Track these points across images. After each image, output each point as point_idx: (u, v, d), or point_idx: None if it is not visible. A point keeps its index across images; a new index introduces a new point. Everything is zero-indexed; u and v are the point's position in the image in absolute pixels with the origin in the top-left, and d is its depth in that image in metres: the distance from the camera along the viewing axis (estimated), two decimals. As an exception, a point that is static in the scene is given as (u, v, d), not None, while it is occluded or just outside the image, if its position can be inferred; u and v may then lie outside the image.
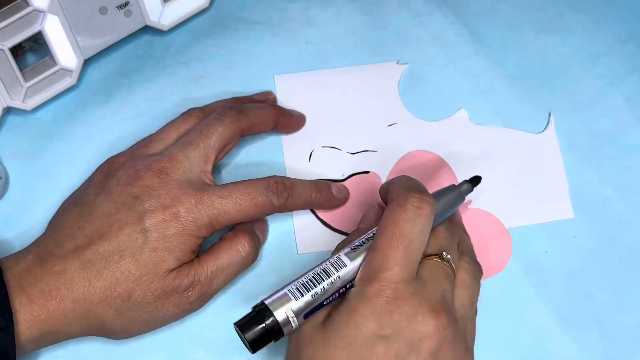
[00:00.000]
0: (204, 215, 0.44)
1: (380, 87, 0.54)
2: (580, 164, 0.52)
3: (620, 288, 0.49)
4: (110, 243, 0.42)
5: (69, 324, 0.42)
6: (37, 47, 0.52)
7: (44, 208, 0.49)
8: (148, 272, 0.42)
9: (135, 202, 0.43)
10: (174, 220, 0.43)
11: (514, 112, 0.53)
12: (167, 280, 0.43)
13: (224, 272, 0.45)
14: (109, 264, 0.42)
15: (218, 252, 0.45)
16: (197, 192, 0.44)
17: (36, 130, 0.52)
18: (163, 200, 0.43)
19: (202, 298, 0.45)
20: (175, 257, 0.43)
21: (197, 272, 0.44)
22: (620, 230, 0.50)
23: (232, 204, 0.44)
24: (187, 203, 0.43)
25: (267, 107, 0.50)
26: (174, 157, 0.45)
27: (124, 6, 0.50)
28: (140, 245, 0.42)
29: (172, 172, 0.44)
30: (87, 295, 0.42)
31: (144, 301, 0.42)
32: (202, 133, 0.46)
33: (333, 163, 0.51)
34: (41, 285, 0.41)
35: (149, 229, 0.43)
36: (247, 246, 0.45)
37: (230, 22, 0.55)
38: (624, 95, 0.54)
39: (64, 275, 0.42)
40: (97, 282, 0.42)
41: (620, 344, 0.48)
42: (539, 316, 0.48)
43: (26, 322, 0.41)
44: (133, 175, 0.44)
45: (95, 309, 0.42)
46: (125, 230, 0.43)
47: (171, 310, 0.44)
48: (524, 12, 0.56)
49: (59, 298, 0.41)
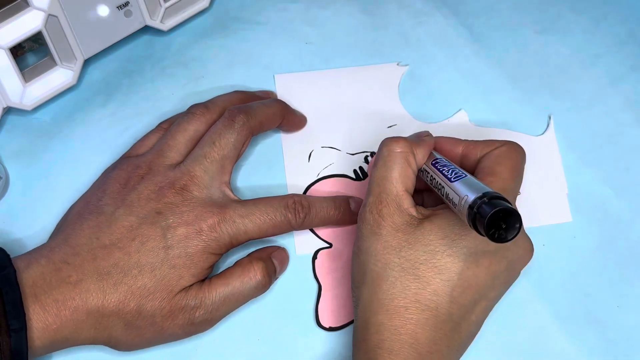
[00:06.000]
0: (226, 234, 0.44)
1: (381, 88, 0.54)
2: (580, 164, 0.52)
3: (620, 288, 0.49)
4: (131, 257, 0.42)
5: (78, 333, 0.42)
6: (37, 47, 0.52)
7: (44, 208, 0.49)
8: (163, 289, 0.42)
9: (158, 217, 0.43)
10: (197, 237, 0.43)
11: (514, 113, 0.53)
12: (175, 299, 0.43)
13: (232, 299, 0.45)
14: (126, 277, 0.42)
15: (229, 278, 0.45)
16: (220, 210, 0.44)
17: (36, 130, 0.52)
18: (186, 218, 0.43)
19: (206, 322, 0.44)
20: (192, 274, 0.43)
21: (205, 296, 0.44)
22: (619, 231, 0.50)
23: (252, 224, 0.44)
24: (210, 221, 0.44)
25: (274, 103, 0.50)
26: (193, 173, 0.45)
27: (124, 6, 0.50)
28: (160, 261, 0.43)
29: (193, 189, 0.44)
30: (100, 307, 0.41)
31: (151, 318, 0.42)
32: (216, 145, 0.46)
33: (332, 163, 0.51)
34: (55, 294, 0.41)
35: (171, 246, 0.43)
36: (259, 275, 0.45)
37: (230, 22, 0.55)
38: (623, 96, 0.54)
39: (80, 285, 0.41)
40: (112, 295, 0.42)
41: (620, 344, 0.48)
42: (538, 316, 0.48)
43: (38, 330, 0.40)
44: (156, 192, 0.44)
45: (106, 321, 0.42)
46: (147, 245, 0.43)
47: (175, 331, 0.43)
48: (523, 13, 0.56)
49: (72, 308, 0.41)
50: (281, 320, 0.48)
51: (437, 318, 0.40)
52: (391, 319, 0.40)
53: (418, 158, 0.44)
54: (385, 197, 0.42)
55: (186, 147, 0.47)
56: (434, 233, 0.41)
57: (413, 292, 0.40)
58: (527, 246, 0.43)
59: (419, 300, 0.40)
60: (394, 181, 0.42)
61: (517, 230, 0.37)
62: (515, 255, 0.43)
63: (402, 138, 0.44)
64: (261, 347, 0.47)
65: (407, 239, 0.41)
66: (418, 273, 0.40)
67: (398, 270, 0.41)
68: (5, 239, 0.49)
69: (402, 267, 0.41)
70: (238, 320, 0.47)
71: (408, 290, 0.40)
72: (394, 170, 0.43)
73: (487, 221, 0.36)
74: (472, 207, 0.38)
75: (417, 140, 0.45)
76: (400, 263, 0.41)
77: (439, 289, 0.40)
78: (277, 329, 0.47)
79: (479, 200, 0.37)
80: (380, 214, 0.42)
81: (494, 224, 0.37)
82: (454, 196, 0.40)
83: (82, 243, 0.43)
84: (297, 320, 0.48)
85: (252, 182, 0.51)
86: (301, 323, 0.48)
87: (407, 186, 0.43)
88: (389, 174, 0.43)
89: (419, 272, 0.40)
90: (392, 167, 0.43)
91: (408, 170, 0.43)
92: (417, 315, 0.40)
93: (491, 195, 0.37)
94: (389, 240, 0.41)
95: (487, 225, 0.36)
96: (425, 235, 0.41)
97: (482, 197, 0.37)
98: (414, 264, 0.41)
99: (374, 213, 0.42)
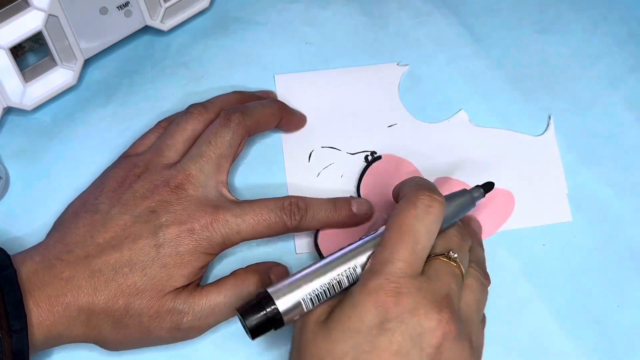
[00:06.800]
0: (218, 233, 0.44)
1: (381, 88, 0.54)
2: (580, 164, 0.52)
3: (620, 288, 0.49)
4: (123, 255, 0.42)
5: (71, 330, 0.42)
6: (37, 47, 0.52)
7: (44, 208, 0.49)
8: (152, 288, 0.42)
9: (152, 216, 0.43)
10: (188, 236, 0.43)
11: (514, 113, 0.53)
12: (163, 299, 0.43)
13: (222, 308, 0.44)
14: (117, 275, 0.42)
15: (222, 287, 0.45)
16: (213, 210, 0.44)
17: (36, 130, 0.52)
18: (179, 216, 0.43)
19: (194, 330, 0.44)
20: (182, 274, 0.43)
21: (194, 302, 0.43)
22: (619, 230, 0.50)
23: (245, 224, 0.44)
24: (202, 220, 0.43)
25: (271, 103, 0.50)
26: (189, 172, 0.45)
27: (124, 6, 0.50)
28: (151, 259, 0.42)
29: (188, 188, 0.44)
30: (90, 304, 0.42)
31: (138, 317, 0.42)
32: (212, 144, 0.46)
33: (332, 163, 0.51)
34: (48, 291, 0.41)
35: (162, 244, 0.43)
36: (252, 288, 0.45)
37: (230, 22, 0.55)
38: (623, 96, 0.54)
39: (72, 282, 0.42)
40: (102, 292, 0.42)
41: (620, 344, 0.48)
42: (538, 316, 0.48)
43: (32, 326, 0.40)
44: (150, 190, 0.44)
45: (96, 318, 0.42)
46: (139, 244, 0.43)
47: (162, 334, 0.43)
48: (523, 13, 0.56)
49: (64, 304, 0.41)
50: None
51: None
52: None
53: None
54: None
55: (184, 147, 0.47)
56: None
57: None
58: (432, 316, 0.38)
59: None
60: None
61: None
62: (418, 328, 0.38)
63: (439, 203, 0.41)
64: (261, 347, 0.47)
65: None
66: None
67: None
68: (5, 238, 0.49)
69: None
70: (237, 320, 0.47)
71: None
72: None
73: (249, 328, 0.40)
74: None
75: None
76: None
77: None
78: (277, 330, 0.47)
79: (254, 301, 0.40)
80: None
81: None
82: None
83: (76, 241, 0.43)
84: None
85: (251, 182, 0.51)
86: (301, 323, 0.48)
87: None
88: None
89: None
90: None
91: None
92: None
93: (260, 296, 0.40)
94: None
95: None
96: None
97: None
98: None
99: None
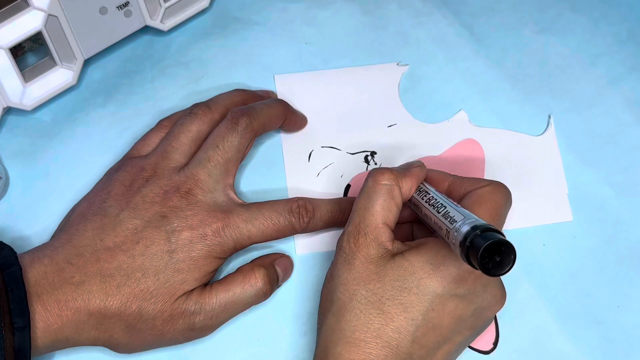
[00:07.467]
0: (230, 239, 0.44)
1: (381, 88, 0.54)
2: (580, 164, 0.52)
3: (620, 288, 0.49)
4: (135, 260, 0.42)
5: (79, 333, 0.42)
6: (37, 47, 0.52)
7: (44, 208, 0.49)
8: (165, 293, 0.42)
9: (163, 221, 0.43)
10: (201, 242, 0.43)
11: (514, 113, 0.53)
12: (176, 303, 0.43)
13: (232, 305, 0.45)
14: (129, 280, 0.42)
15: (230, 284, 0.45)
16: (224, 215, 0.44)
17: (36, 130, 0.52)
18: (191, 222, 0.43)
19: (206, 328, 0.44)
20: (195, 278, 0.43)
21: (205, 301, 0.44)
22: (619, 230, 0.50)
23: (255, 229, 0.44)
24: (214, 226, 0.44)
25: (276, 104, 0.50)
26: (198, 177, 0.45)
27: (124, 6, 0.50)
28: (164, 265, 0.43)
29: (198, 193, 0.44)
30: (102, 309, 0.42)
31: (152, 322, 0.42)
32: (220, 148, 0.46)
33: (332, 163, 0.51)
34: (58, 294, 0.41)
35: (175, 250, 0.43)
36: (260, 283, 0.45)
37: (230, 23, 0.55)
38: (623, 96, 0.54)
39: (83, 286, 0.41)
40: (114, 297, 0.42)
41: (620, 344, 0.48)
42: (538, 316, 0.48)
43: (39, 330, 0.40)
44: (161, 195, 0.44)
45: (108, 323, 0.42)
46: (151, 249, 0.43)
47: (175, 336, 0.44)
48: (523, 12, 0.56)
49: (74, 309, 0.41)
50: (282, 320, 0.48)
51: (397, 356, 0.39)
52: (349, 351, 0.39)
53: (404, 190, 0.43)
54: (363, 228, 0.41)
55: (190, 149, 0.47)
56: (404, 269, 0.40)
57: (375, 327, 0.39)
58: (498, 293, 0.42)
59: (380, 336, 0.39)
60: (374, 213, 0.42)
61: (512, 262, 0.36)
62: (484, 302, 0.42)
63: (389, 170, 0.43)
64: (261, 347, 0.47)
65: (378, 272, 0.40)
66: (383, 308, 0.40)
67: (364, 303, 0.40)
68: (5, 239, 0.48)
69: (368, 300, 0.40)
70: (238, 321, 0.47)
71: (370, 324, 0.40)
72: (376, 203, 0.42)
73: (480, 254, 0.36)
74: (465, 239, 0.37)
75: (405, 172, 0.44)
76: (367, 296, 0.40)
77: (402, 326, 0.40)
78: (277, 330, 0.47)
79: (472, 233, 0.37)
80: (357, 244, 0.41)
81: (487, 257, 0.36)
82: (443, 228, 0.40)
83: (85, 244, 0.43)
84: (298, 321, 0.48)
85: (252, 182, 0.51)
86: (301, 323, 0.48)
87: (387, 219, 0.42)
88: (370, 206, 0.42)
89: (384, 307, 0.40)
90: (375, 199, 0.42)
91: (391, 204, 0.42)
92: (377, 351, 0.39)
93: (484, 227, 0.37)
94: (360, 271, 0.41)
95: (480, 257, 0.36)
96: (395, 270, 0.40)
97: (475, 230, 0.37)
98: (381, 299, 0.40)
99: (350, 242, 0.41)
